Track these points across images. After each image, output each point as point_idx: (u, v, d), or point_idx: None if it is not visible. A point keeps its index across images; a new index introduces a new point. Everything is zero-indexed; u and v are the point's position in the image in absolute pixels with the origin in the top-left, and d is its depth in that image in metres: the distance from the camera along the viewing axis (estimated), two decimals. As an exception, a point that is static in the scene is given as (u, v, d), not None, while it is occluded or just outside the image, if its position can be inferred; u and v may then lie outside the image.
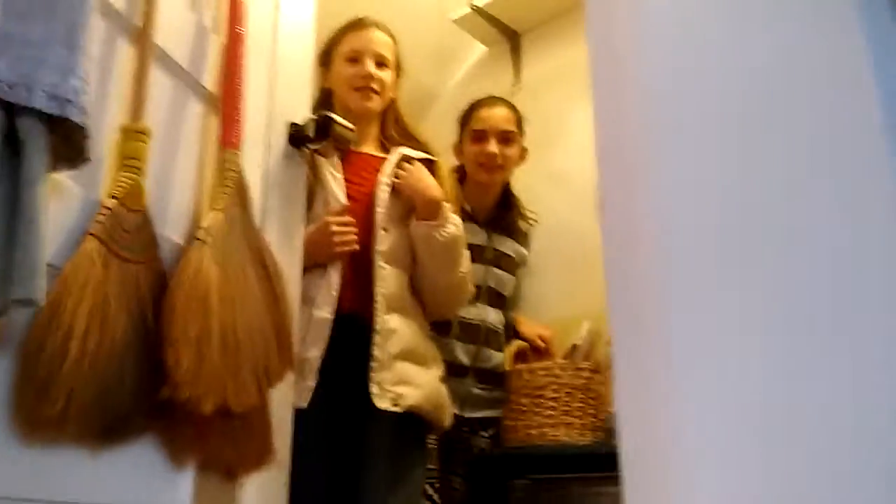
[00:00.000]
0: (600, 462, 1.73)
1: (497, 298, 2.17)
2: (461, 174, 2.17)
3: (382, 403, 1.52)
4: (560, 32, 2.59)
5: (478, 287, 2.08)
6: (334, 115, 1.51)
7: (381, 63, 1.78)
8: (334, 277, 1.58)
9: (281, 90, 1.46)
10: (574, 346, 2.02)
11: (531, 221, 2.31)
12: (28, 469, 0.85)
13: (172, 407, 0.98)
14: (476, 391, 2.07)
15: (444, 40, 2.53)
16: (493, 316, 2.13)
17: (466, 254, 1.72)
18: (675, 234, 0.96)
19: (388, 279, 1.61)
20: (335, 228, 1.58)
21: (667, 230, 0.96)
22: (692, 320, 0.93)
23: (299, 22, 1.56)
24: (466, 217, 2.04)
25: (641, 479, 0.93)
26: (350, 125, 1.53)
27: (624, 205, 1.04)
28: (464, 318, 2.05)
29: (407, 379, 1.57)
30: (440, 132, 2.09)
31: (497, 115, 2.17)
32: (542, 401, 1.93)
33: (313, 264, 1.56)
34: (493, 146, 2.12)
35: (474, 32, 2.62)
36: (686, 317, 0.93)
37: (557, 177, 2.39)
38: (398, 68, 1.84)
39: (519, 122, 2.19)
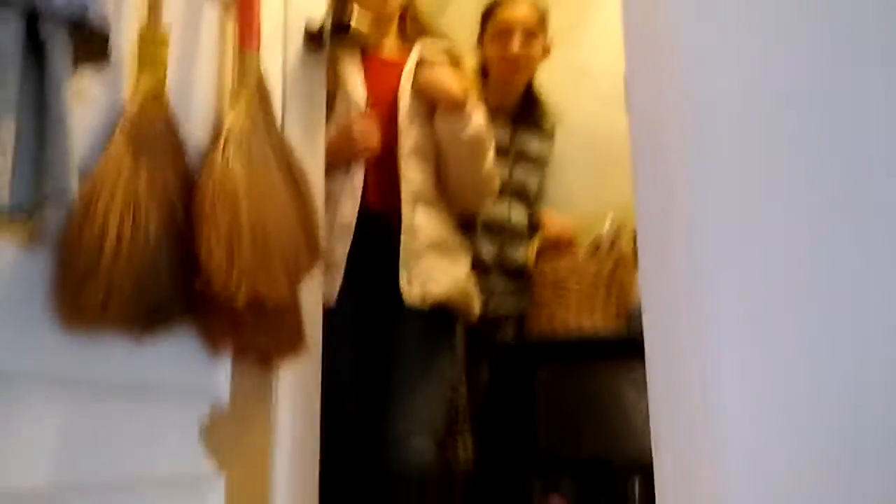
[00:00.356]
0: (622, 348, 1.79)
1: (521, 196, 2.18)
2: (483, 72, 2.14)
3: (412, 297, 1.56)
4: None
5: (503, 184, 2.09)
6: (349, 21, 1.51)
7: None
8: (357, 177, 1.61)
9: (296, -10, 1.46)
10: (598, 238, 2.05)
11: (555, 119, 2.30)
12: (72, 353, 0.92)
13: (207, 300, 1.04)
14: (501, 286, 2.11)
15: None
16: (517, 212, 2.15)
17: (492, 150, 1.70)
18: (704, 125, 0.96)
19: (413, 175, 1.63)
20: (358, 130, 1.60)
21: (696, 121, 0.96)
22: (717, 208, 0.94)
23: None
24: (490, 114, 2.04)
25: (664, 362, 0.97)
26: (363, 30, 1.53)
27: (651, 97, 1.04)
28: (487, 215, 2.07)
29: (435, 272, 1.60)
30: (459, 28, 2.06)
31: (520, 13, 2.12)
32: (566, 292, 1.97)
33: (335, 164, 1.59)
34: (516, 45, 2.08)
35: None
36: (711, 205, 0.95)
37: (581, 71, 2.35)
38: None
39: (542, 18, 2.14)
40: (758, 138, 0.92)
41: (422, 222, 1.61)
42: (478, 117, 1.65)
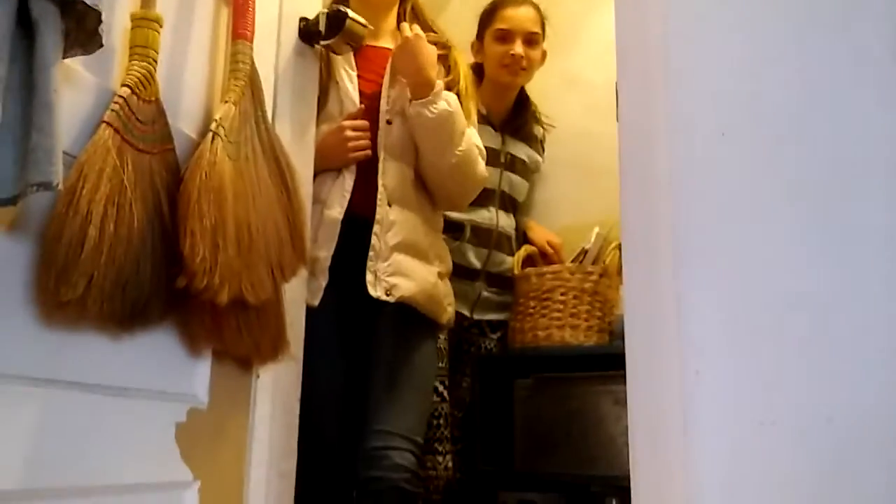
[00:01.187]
0: (604, 362, 1.78)
1: (510, 203, 2.16)
2: (478, 73, 2.12)
3: (375, 292, 1.54)
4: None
5: (491, 191, 2.06)
6: (347, 10, 1.48)
7: None
8: (348, 180, 1.59)
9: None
10: (583, 251, 2.04)
11: (546, 127, 2.28)
12: (49, 351, 0.88)
13: (189, 296, 1.01)
14: (486, 294, 2.10)
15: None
16: (504, 220, 2.13)
17: (467, 134, 1.65)
18: (693, 133, 0.96)
19: (390, 171, 1.60)
20: (349, 133, 1.57)
21: (683, 128, 0.96)
22: (701, 225, 0.94)
23: (311, -90, 1.51)
24: (481, 119, 2.01)
25: (644, 379, 0.96)
26: (363, 21, 1.50)
27: (642, 109, 1.03)
28: (476, 221, 2.06)
29: (403, 270, 1.57)
30: (456, 30, 2.03)
31: (523, 16, 2.10)
32: (550, 303, 1.96)
33: (325, 168, 1.56)
34: (518, 47, 2.06)
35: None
36: (695, 221, 0.94)
37: (573, 81, 2.35)
38: None
39: (543, 24, 2.13)
40: (743, 154, 0.91)
41: (395, 221, 1.59)
42: (447, 97, 1.60)
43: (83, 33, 0.85)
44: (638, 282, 0.99)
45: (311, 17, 1.46)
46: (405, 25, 1.63)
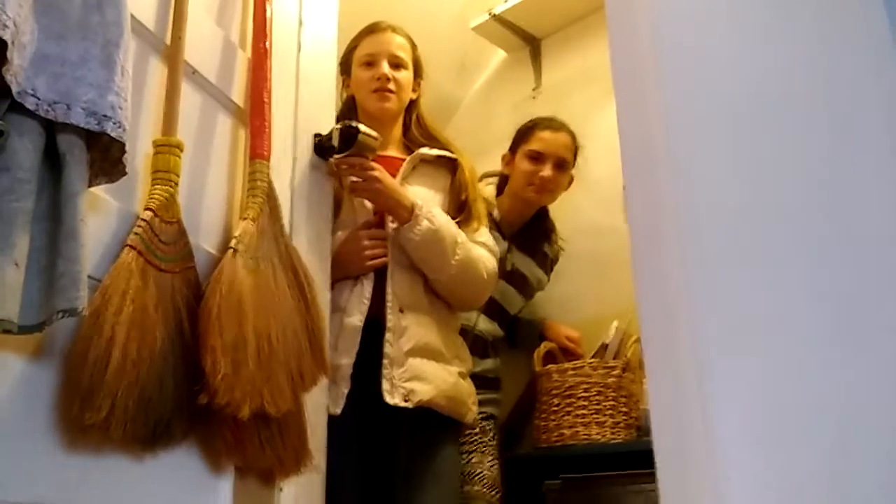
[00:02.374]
0: (634, 460, 1.73)
1: (496, 311, 2.12)
2: (502, 183, 2.16)
3: (393, 399, 1.52)
4: (580, 36, 2.60)
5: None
6: (359, 124, 1.54)
7: (396, 64, 1.77)
8: (367, 287, 1.60)
9: (305, 103, 1.49)
10: (603, 345, 2.02)
11: (560, 248, 2.26)
12: (73, 477, 0.88)
13: (210, 412, 1.01)
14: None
15: (464, 48, 2.55)
16: (484, 325, 2.09)
17: (461, 240, 1.65)
18: (702, 231, 0.97)
19: (398, 278, 1.62)
20: (366, 242, 1.60)
21: (693, 227, 0.97)
22: (720, 317, 0.94)
23: (322, 36, 1.60)
24: (492, 225, 2.02)
25: (676, 474, 0.94)
26: (374, 134, 1.55)
27: (649, 204, 1.05)
28: None
29: (420, 375, 1.56)
30: (462, 139, 2.09)
31: (560, 141, 2.13)
32: (574, 400, 1.93)
33: (344, 276, 1.58)
34: (548, 170, 2.09)
35: (494, 39, 2.64)
36: (714, 313, 0.94)
37: (583, 179, 2.39)
38: (417, 69, 1.84)
39: (576, 151, 2.16)
40: (755, 251, 0.92)
41: (408, 326, 1.59)
42: (428, 215, 1.60)
43: (108, 162, 0.89)
44: (661, 385, 0.98)
45: (324, 132, 1.52)
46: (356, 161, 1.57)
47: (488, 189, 2.16)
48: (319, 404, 1.37)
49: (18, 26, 0.74)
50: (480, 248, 1.72)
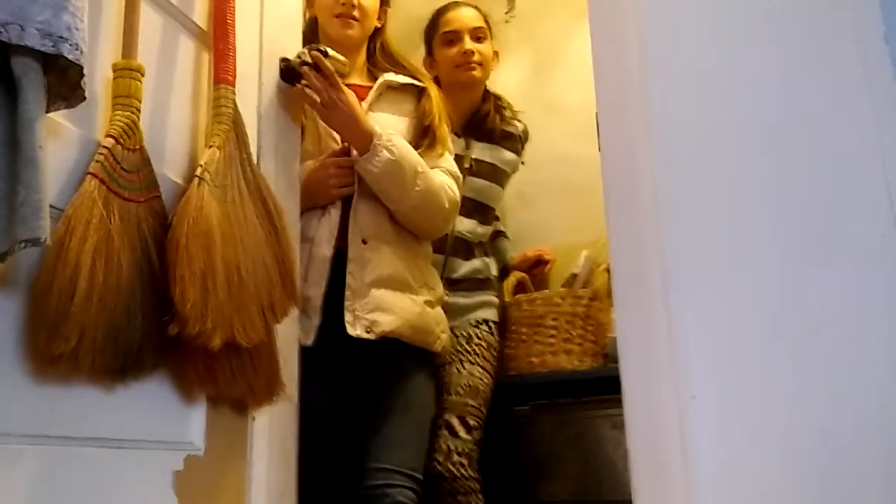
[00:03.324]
0: (600, 386, 1.78)
1: (475, 208, 2.07)
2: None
3: (355, 331, 1.53)
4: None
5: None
6: (327, 49, 1.49)
7: None
8: (335, 216, 1.59)
9: (271, 25, 1.44)
10: (573, 275, 2.04)
11: (517, 122, 2.19)
12: (44, 407, 0.87)
13: (181, 343, 1.00)
14: (448, 300, 1.91)
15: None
16: (464, 225, 2.04)
17: (421, 170, 1.61)
18: (673, 156, 0.97)
19: (362, 209, 1.61)
20: (332, 171, 1.58)
21: (665, 151, 0.97)
22: (689, 242, 0.95)
23: (287, -46, 1.53)
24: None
25: (642, 404, 0.96)
26: (343, 59, 1.51)
27: (622, 129, 1.04)
28: None
29: (382, 305, 1.56)
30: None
31: (465, 14, 2.11)
32: (542, 329, 1.96)
33: (311, 206, 1.56)
34: (468, 44, 2.06)
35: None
36: (683, 238, 0.95)
37: (554, 106, 2.37)
38: None
39: (487, 21, 2.13)
40: (728, 176, 0.92)
41: (370, 258, 1.58)
42: (388, 143, 1.56)
43: (66, 87, 0.85)
44: (628, 308, 0.99)
45: (290, 56, 1.47)
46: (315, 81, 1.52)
47: None
48: (291, 335, 1.37)
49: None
50: (443, 175, 1.70)
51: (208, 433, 1.11)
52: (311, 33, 1.76)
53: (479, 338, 1.98)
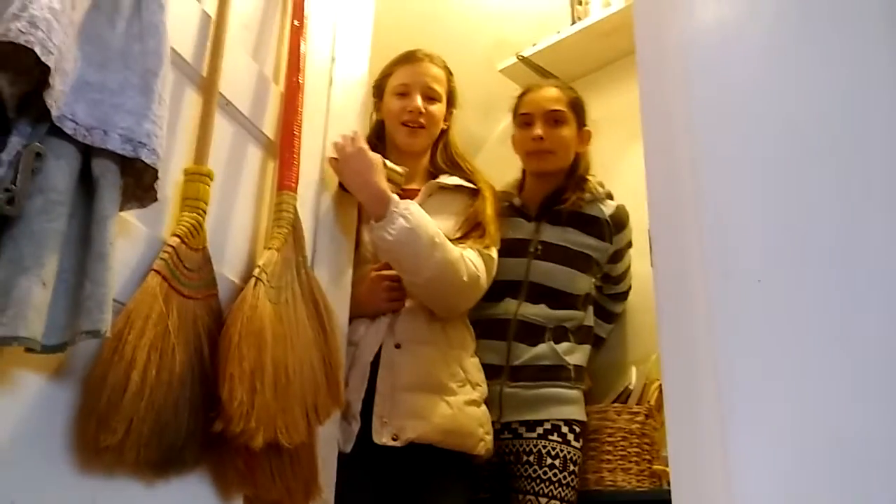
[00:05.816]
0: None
1: (543, 293, 1.90)
2: (523, 172, 2.04)
3: (381, 439, 1.49)
4: (606, 81, 2.62)
5: (516, 282, 1.88)
6: (385, 160, 1.55)
7: (430, 97, 1.74)
8: (382, 324, 1.58)
9: (334, 136, 1.51)
10: (626, 389, 1.99)
11: (604, 206, 1.97)
12: (84, 498, 0.88)
13: (224, 440, 1.01)
14: (509, 391, 1.82)
15: (491, 89, 2.57)
16: (530, 310, 1.88)
17: (439, 240, 1.53)
18: (728, 278, 0.96)
19: (401, 317, 1.59)
20: (386, 284, 1.58)
21: (719, 273, 0.96)
22: (745, 365, 0.92)
23: (353, 72, 1.63)
24: (514, 212, 1.95)
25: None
26: (400, 169, 1.56)
27: (675, 249, 1.04)
28: (488, 314, 1.84)
29: (412, 411, 1.52)
30: (493, 171, 2.05)
31: (544, 95, 1.96)
32: (598, 444, 1.87)
33: (359, 315, 1.56)
34: (539, 128, 1.91)
35: (520, 81, 2.66)
36: (739, 361, 0.93)
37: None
38: (451, 99, 1.80)
39: (574, 102, 1.96)
40: (781, 298, 0.91)
41: (402, 362, 1.55)
42: (403, 218, 1.48)
43: (140, 188, 0.90)
44: (682, 429, 0.96)
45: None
46: (347, 136, 1.50)
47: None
48: (331, 438, 1.36)
49: (62, 53, 0.76)
50: (468, 251, 1.61)
51: (244, 535, 1.09)
52: (377, 137, 1.79)
53: (551, 455, 1.76)
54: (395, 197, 1.50)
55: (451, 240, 1.59)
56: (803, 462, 0.84)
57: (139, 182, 0.89)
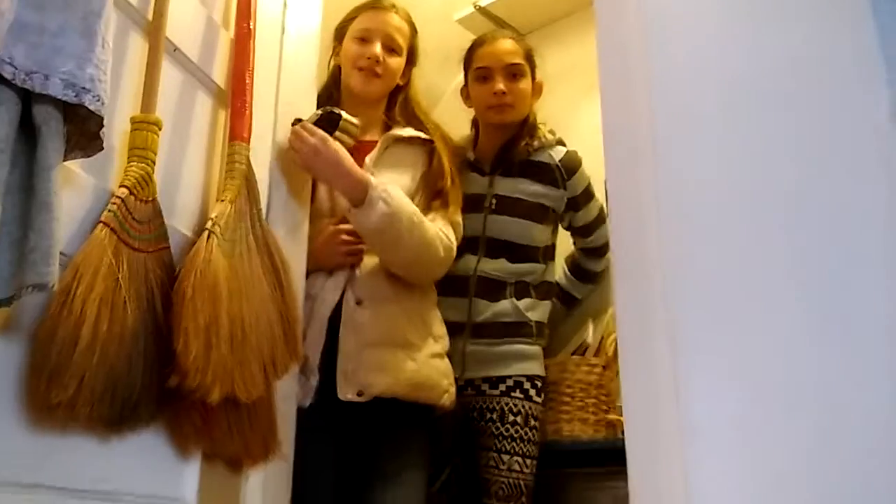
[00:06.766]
0: (611, 458, 1.73)
1: (501, 247, 1.90)
2: (475, 126, 2.03)
3: (346, 394, 1.49)
4: (563, 33, 2.61)
5: (474, 238, 1.87)
6: (341, 112, 1.52)
7: (390, 48, 1.71)
8: (340, 278, 1.57)
9: (287, 86, 1.47)
10: (584, 343, 2.02)
11: (552, 151, 1.96)
12: (37, 455, 0.86)
13: (180, 395, 0.99)
14: (472, 348, 1.84)
15: (449, 40, 2.53)
16: (490, 265, 1.89)
17: (417, 220, 1.55)
18: (682, 226, 0.97)
19: (360, 272, 1.59)
20: (344, 237, 1.57)
21: (674, 221, 0.97)
22: (697, 312, 0.94)
23: (306, 20, 1.58)
24: (469, 167, 1.94)
25: (647, 470, 0.94)
26: (356, 121, 1.54)
27: (631, 200, 1.05)
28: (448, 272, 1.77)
29: (376, 365, 1.52)
30: (453, 123, 2.02)
31: (501, 48, 1.94)
32: (557, 395, 1.90)
33: (317, 269, 1.55)
34: (500, 83, 1.90)
35: (478, 32, 2.63)
36: (692, 309, 0.94)
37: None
38: (411, 56, 1.78)
39: (528, 54, 1.96)
40: (736, 246, 0.92)
41: (364, 320, 1.55)
42: (383, 202, 1.49)
43: (84, 137, 0.87)
44: (635, 373, 0.98)
45: (305, 118, 1.50)
46: (301, 132, 1.47)
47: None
48: (289, 393, 1.35)
49: (-4, -8, 0.72)
50: (440, 222, 1.63)
51: (201, 490, 1.09)
52: (334, 82, 1.77)
53: (513, 412, 1.79)
54: (371, 179, 1.51)
55: (412, 199, 1.59)
56: (752, 401, 0.86)
57: (83, 130, 0.85)
